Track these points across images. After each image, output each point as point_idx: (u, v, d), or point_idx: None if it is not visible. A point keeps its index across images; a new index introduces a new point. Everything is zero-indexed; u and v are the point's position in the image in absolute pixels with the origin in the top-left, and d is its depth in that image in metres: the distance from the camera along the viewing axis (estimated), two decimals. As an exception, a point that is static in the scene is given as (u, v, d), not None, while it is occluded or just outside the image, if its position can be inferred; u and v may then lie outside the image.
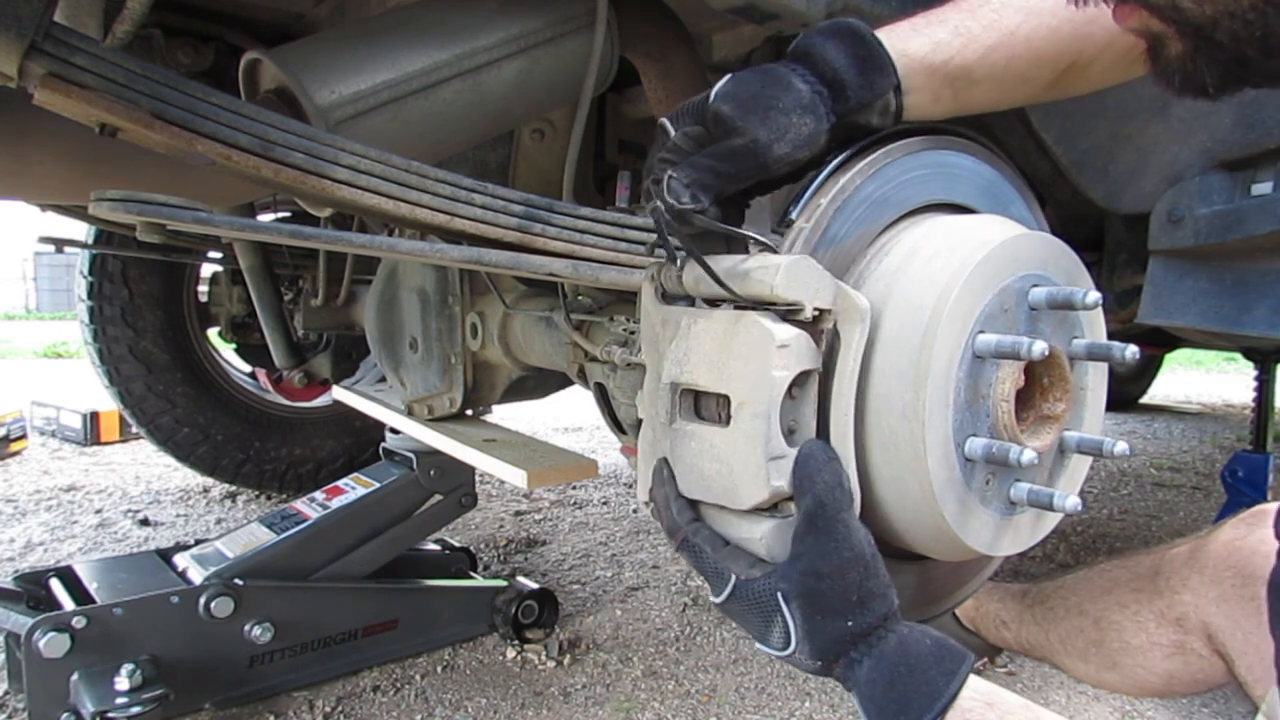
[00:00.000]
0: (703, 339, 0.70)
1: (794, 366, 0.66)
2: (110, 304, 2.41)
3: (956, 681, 0.62)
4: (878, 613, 0.64)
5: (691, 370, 0.71)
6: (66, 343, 8.44)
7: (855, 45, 0.72)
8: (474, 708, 1.55)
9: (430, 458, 1.71)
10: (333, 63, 0.98)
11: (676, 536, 0.71)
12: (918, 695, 0.61)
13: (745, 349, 0.67)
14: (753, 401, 0.66)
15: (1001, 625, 1.50)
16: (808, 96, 0.70)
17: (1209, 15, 0.54)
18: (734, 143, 0.68)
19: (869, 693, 0.63)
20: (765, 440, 0.65)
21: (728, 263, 0.69)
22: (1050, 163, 1.27)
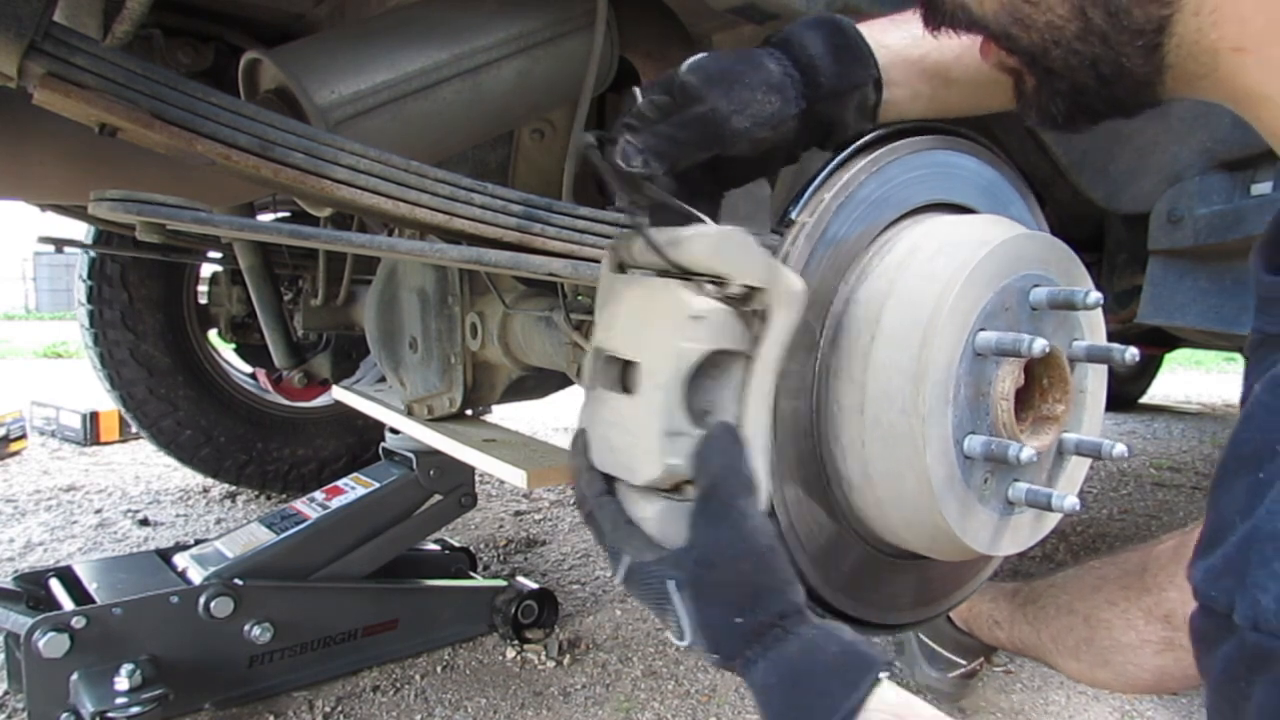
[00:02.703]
0: (627, 304, 0.68)
1: (707, 341, 0.62)
2: (110, 307, 2.41)
3: (857, 694, 0.56)
4: (772, 610, 0.59)
5: (613, 336, 0.68)
6: (66, 343, 8.43)
7: (834, 34, 0.72)
8: (474, 708, 1.55)
9: (430, 458, 1.71)
10: (333, 63, 0.98)
11: (583, 509, 0.69)
12: (814, 707, 0.57)
13: (659, 317, 0.64)
14: (656, 371, 0.63)
15: (994, 625, 1.50)
16: (777, 76, 0.69)
17: (1038, 43, 0.54)
18: (694, 110, 0.66)
19: (764, 699, 0.59)
20: (664, 413, 0.62)
21: (668, 233, 0.66)
22: (1050, 163, 1.27)
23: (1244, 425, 0.40)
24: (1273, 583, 0.35)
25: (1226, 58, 0.48)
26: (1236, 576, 0.37)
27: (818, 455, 0.77)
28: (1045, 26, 0.52)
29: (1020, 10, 0.53)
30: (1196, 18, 0.48)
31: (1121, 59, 0.51)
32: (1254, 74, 0.47)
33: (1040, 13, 0.52)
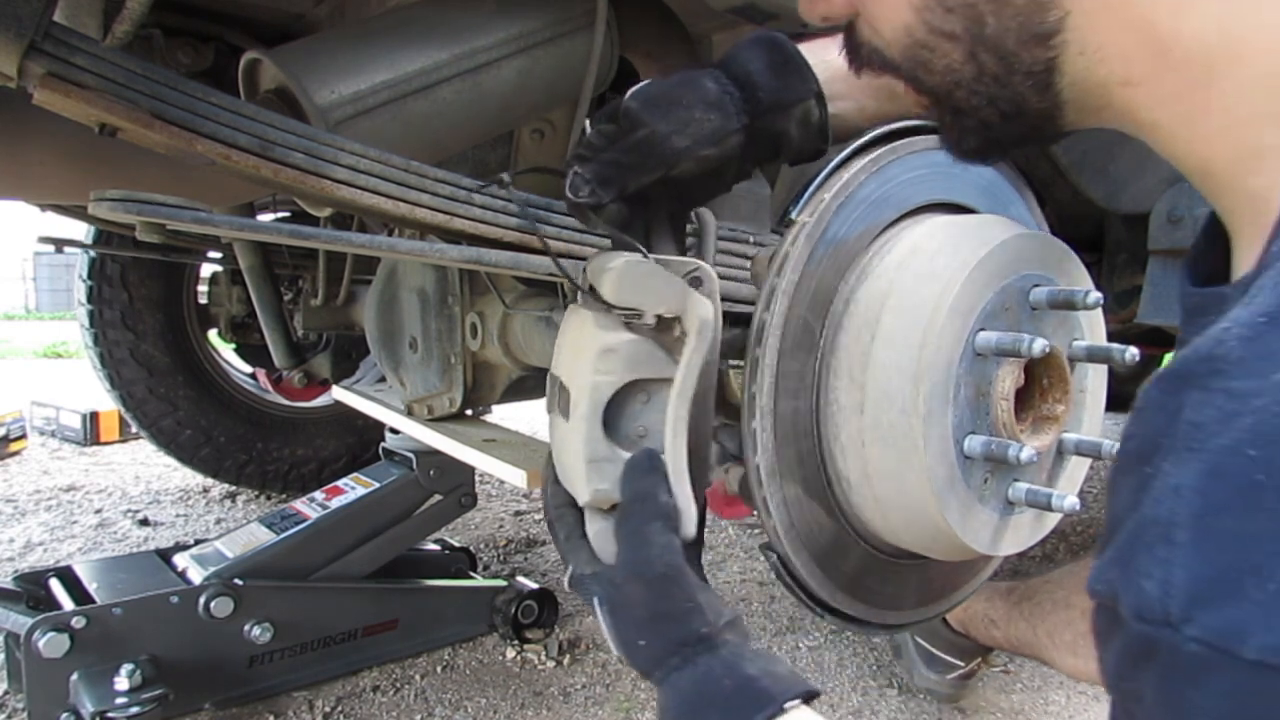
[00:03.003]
0: (567, 334, 0.71)
1: (620, 374, 0.65)
2: (110, 308, 2.41)
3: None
4: (671, 638, 0.60)
5: (559, 364, 0.72)
6: (66, 343, 8.43)
7: (772, 51, 0.73)
8: (474, 708, 1.55)
9: (430, 458, 1.71)
10: (332, 63, 0.98)
11: (546, 518, 0.73)
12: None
13: (582, 349, 0.67)
14: (579, 402, 0.66)
15: (990, 624, 1.50)
16: (715, 94, 0.70)
17: (941, 85, 0.55)
18: (636, 135, 0.68)
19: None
20: (586, 442, 0.65)
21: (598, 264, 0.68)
22: (1050, 163, 1.27)
23: (1133, 422, 0.40)
24: (1157, 569, 0.34)
25: (1118, 91, 0.49)
26: (1124, 568, 0.36)
27: (817, 455, 0.77)
28: (944, 70, 0.54)
29: (920, 55, 0.55)
30: (1082, 57, 0.49)
31: (1018, 97, 0.53)
32: (1144, 104, 0.49)
33: (938, 58, 0.54)
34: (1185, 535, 0.33)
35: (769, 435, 0.73)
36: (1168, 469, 0.35)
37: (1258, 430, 0.31)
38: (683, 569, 0.62)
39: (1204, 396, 0.34)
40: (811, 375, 0.76)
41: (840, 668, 1.77)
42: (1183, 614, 0.32)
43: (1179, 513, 0.33)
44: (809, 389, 0.76)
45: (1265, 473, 0.31)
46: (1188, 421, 0.35)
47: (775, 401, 0.73)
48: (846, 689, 1.69)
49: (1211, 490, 0.32)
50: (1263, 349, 0.33)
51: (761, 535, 0.77)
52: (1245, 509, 0.31)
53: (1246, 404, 0.32)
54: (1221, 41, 0.44)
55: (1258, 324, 0.34)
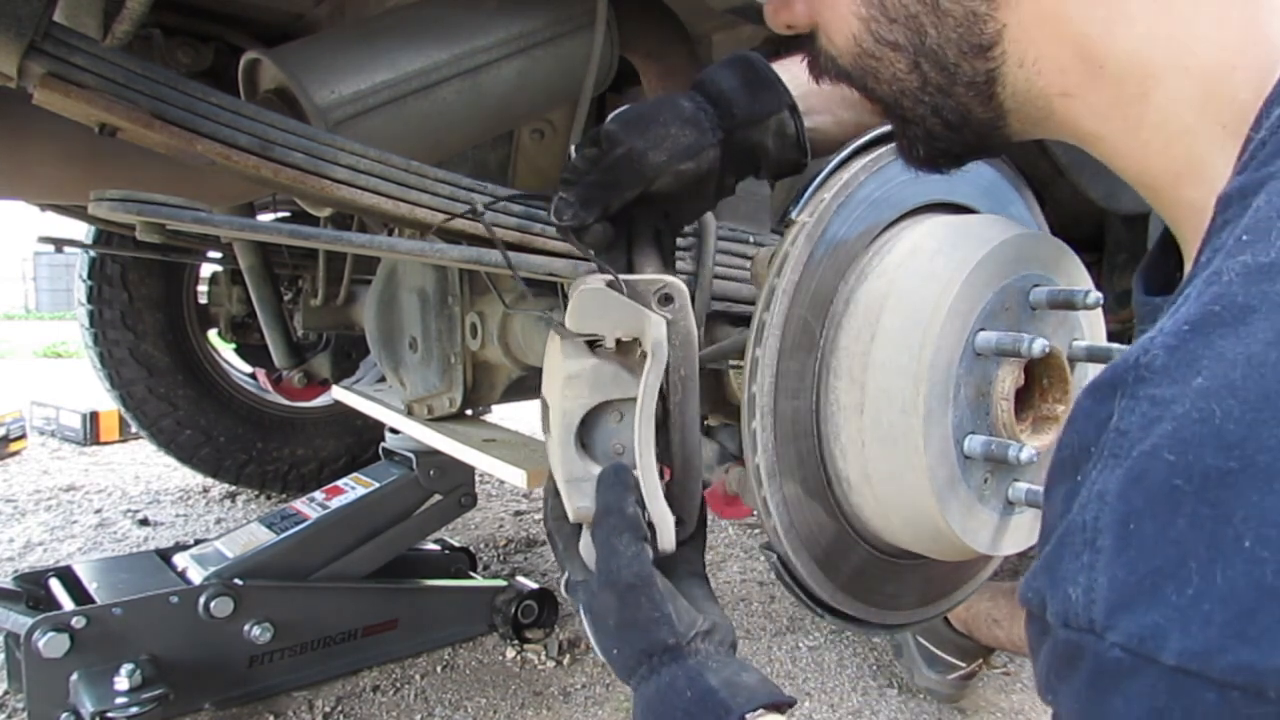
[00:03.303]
0: (545, 358, 0.74)
1: (588, 397, 0.68)
2: (110, 307, 2.41)
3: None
4: (636, 647, 0.62)
5: (544, 385, 0.75)
6: (66, 343, 8.43)
7: (745, 70, 0.76)
8: (474, 707, 1.55)
9: (430, 458, 1.71)
10: (332, 63, 0.98)
11: (546, 527, 0.76)
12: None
13: (552, 374, 0.70)
14: (554, 424, 0.69)
15: (994, 624, 1.50)
16: (689, 111, 0.73)
17: (888, 94, 0.56)
18: (615, 154, 0.70)
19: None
20: (563, 463, 0.69)
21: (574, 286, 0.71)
22: (1050, 162, 1.27)
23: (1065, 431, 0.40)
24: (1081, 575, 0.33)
25: (1058, 102, 0.50)
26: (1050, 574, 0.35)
27: (817, 455, 0.77)
28: (890, 79, 0.55)
29: (868, 65, 0.56)
30: (1021, 69, 0.50)
31: (962, 107, 0.54)
32: (1084, 116, 0.49)
33: (884, 67, 0.55)
34: (1108, 541, 0.33)
35: (769, 435, 0.73)
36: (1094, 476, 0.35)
37: (1176, 435, 0.31)
38: (650, 579, 0.63)
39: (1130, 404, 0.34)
40: (811, 375, 0.76)
41: (840, 668, 1.77)
42: (1105, 620, 0.32)
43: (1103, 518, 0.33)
44: (809, 389, 0.76)
45: (1183, 478, 0.31)
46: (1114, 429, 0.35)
47: (775, 401, 0.73)
48: (846, 689, 1.69)
49: (1133, 496, 0.32)
50: (1184, 356, 0.33)
51: (761, 535, 0.77)
52: (1165, 514, 0.31)
53: (1168, 410, 0.32)
54: (1153, 56, 0.44)
55: (1181, 331, 0.34)
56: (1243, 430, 0.29)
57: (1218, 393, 0.31)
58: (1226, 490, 0.29)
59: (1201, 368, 0.32)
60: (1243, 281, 0.33)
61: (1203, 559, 0.29)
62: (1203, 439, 0.30)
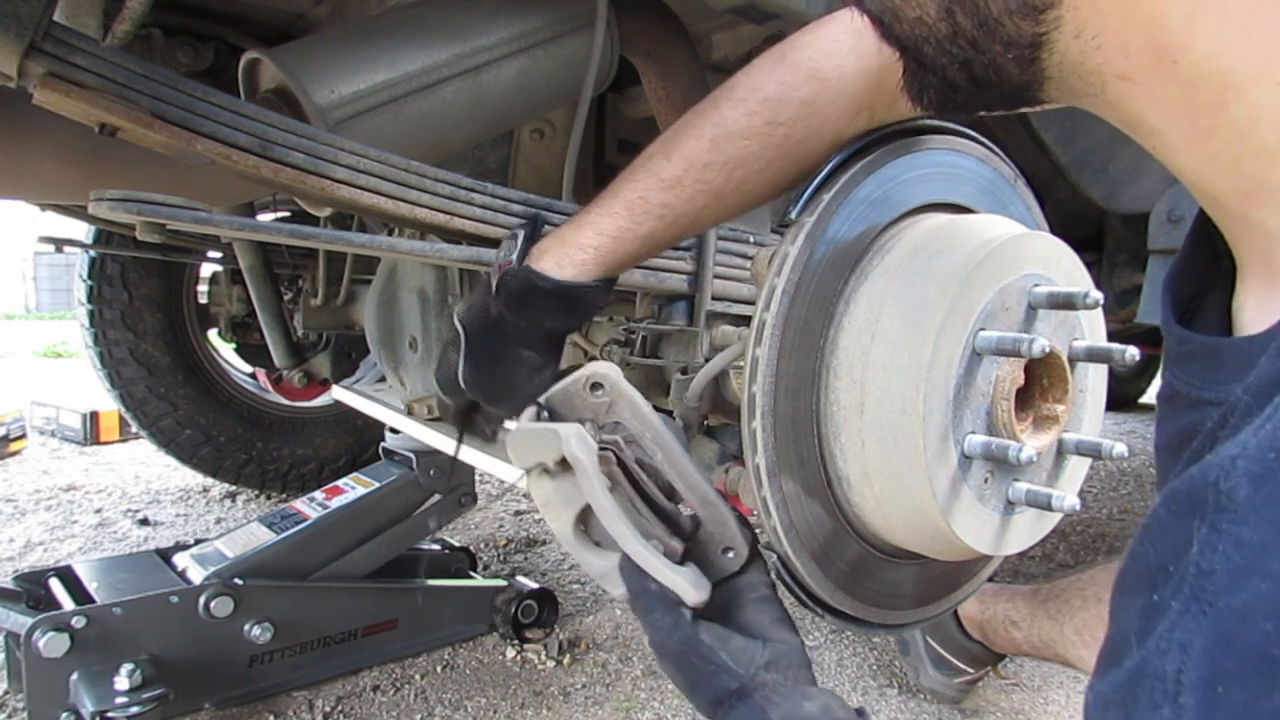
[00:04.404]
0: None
1: (568, 511, 0.73)
2: (110, 307, 2.41)
3: None
4: (706, 700, 0.65)
5: None
6: (66, 342, 8.43)
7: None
8: (474, 707, 1.55)
9: (430, 457, 1.71)
10: (332, 62, 0.98)
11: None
12: None
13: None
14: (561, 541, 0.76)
15: (1011, 626, 1.49)
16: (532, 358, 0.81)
17: (909, 35, 0.51)
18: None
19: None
20: (587, 565, 0.74)
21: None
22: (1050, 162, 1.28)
23: (1141, 538, 0.38)
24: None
25: (1113, 83, 0.45)
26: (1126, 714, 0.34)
27: (817, 455, 0.77)
28: (914, 22, 0.50)
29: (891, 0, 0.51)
30: (1077, 40, 0.44)
31: (995, 67, 0.48)
32: (1144, 106, 0.44)
33: (910, 7, 0.49)
34: (1191, 700, 0.31)
35: (769, 435, 0.73)
36: (1175, 615, 0.33)
37: (1274, 600, 0.29)
38: (694, 640, 0.66)
39: (1211, 537, 0.32)
40: (811, 375, 0.76)
41: (840, 668, 1.77)
42: None
43: (1186, 675, 0.31)
44: (809, 389, 0.76)
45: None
46: (1195, 564, 0.32)
47: (775, 401, 0.73)
48: (846, 689, 1.69)
49: (1221, 658, 0.30)
50: (1273, 493, 0.30)
51: (761, 535, 0.77)
52: (1259, 684, 0.29)
53: (1260, 564, 0.30)
54: (1238, 64, 0.39)
55: (1268, 461, 0.31)
56: None
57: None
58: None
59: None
60: None
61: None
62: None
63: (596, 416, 0.77)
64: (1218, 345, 0.43)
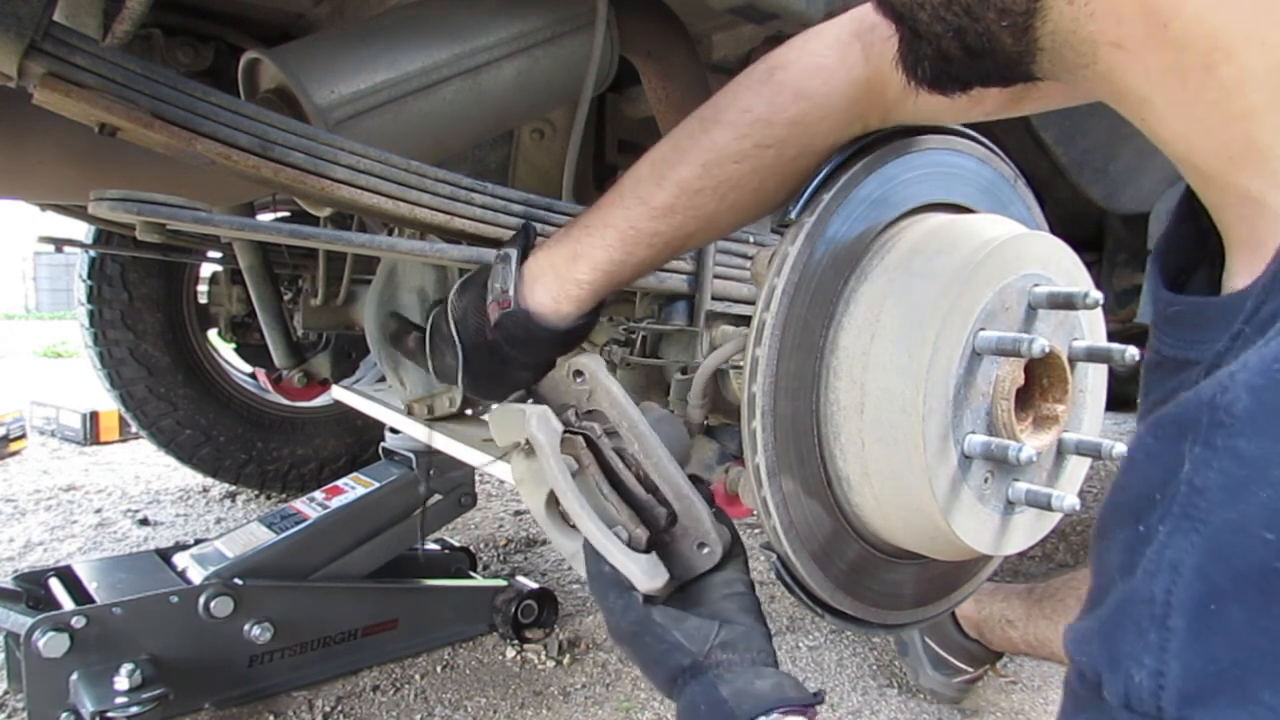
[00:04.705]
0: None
1: (540, 489, 0.77)
2: (110, 307, 2.41)
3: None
4: (661, 677, 0.67)
5: None
6: (66, 342, 8.43)
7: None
8: (474, 707, 1.55)
9: (430, 457, 1.71)
10: (332, 62, 0.98)
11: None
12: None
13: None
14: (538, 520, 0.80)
15: (1008, 625, 1.49)
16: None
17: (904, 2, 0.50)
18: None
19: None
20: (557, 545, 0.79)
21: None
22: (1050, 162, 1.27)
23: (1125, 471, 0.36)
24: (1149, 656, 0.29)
25: (1106, 52, 0.44)
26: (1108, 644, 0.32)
27: (817, 455, 0.77)
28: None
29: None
30: (1071, 7, 0.44)
31: (989, 35, 0.48)
32: (1134, 74, 0.44)
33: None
34: (1183, 621, 0.29)
35: (769, 435, 0.73)
36: (1164, 536, 0.31)
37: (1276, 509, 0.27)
38: (645, 620, 0.68)
39: (1206, 454, 0.30)
40: (811, 375, 0.76)
41: (840, 668, 1.77)
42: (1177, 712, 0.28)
43: (1176, 594, 0.29)
44: (809, 389, 0.76)
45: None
46: (1187, 483, 0.30)
47: (775, 401, 0.73)
48: (846, 689, 1.69)
49: (1215, 573, 0.28)
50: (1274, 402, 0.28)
51: (761, 535, 0.77)
52: (1258, 600, 0.27)
53: (1260, 474, 0.28)
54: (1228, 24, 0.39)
55: (1271, 372, 0.29)
56: None
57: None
58: None
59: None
60: None
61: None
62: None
63: (579, 404, 0.79)
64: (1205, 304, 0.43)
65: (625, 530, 0.73)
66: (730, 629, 0.68)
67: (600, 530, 0.72)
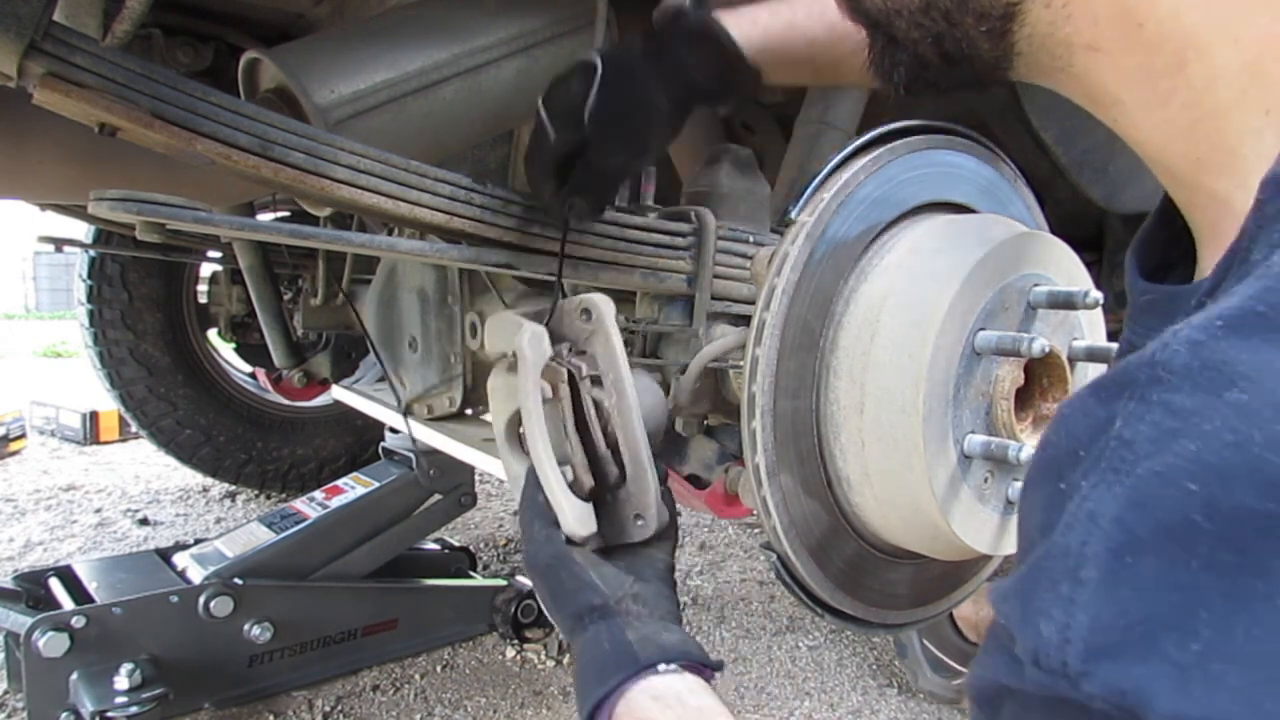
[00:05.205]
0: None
1: (505, 408, 0.78)
2: (110, 307, 2.41)
3: (604, 689, 0.61)
4: (568, 612, 0.67)
5: None
6: (66, 342, 8.43)
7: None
8: (473, 707, 1.55)
9: (429, 457, 1.71)
10: (332, 62, 0.98)
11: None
12: (582, 694, 0.63)
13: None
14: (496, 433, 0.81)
15: None
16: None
17: (880, 8, 0.51)
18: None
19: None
20: (504, 463, 0.80)
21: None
22: (1050, 162, 1.27)
23: (1053, 428, 0.34)
24: (1058, 609, 0.28)
25: (1081, 54, 0.45)
26: (1021, 599, 0.30)
27: (817, 454, 0.77)
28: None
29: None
30: (1048, 10, 0.45)
31: (967, 40, 0.48)
32: (1108, 76, 0.44)
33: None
34: (1095, 573, 0.27)
35: (769, 435, 0.73)
36: (1086, 490, 0.29)
37: (1201, 460, 0.26)
38: (564, 556, 0.69)
39: (1139, 409, 0.29)
40: (811, 375, 0.76)
41: (840, 667, 1.77)
42: (1081, 665, 0.27)
43: (1091, 545, 0.28)
44: (809, 389, 0.76)
45: (1205, 513, 0.25)
46: (1117, 437, 0.29)
47: (775, 401, 0.73)
48: (846, 688, 1.69)
49: (1134, 523, 0.27)
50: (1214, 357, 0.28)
51: (761, 535, 0.77)
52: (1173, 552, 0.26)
53: (1190, 424, 0.27)
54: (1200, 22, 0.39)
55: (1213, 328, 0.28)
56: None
57: (1260, 414, 0.25)
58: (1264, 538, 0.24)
59: (1239, 378, 0.27)
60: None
61: (1219, 612, 0.24)
62: (1235, 469, 0.25)
63: (578, 342, 0.78)
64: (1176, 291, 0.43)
65: (572, 472, 0.73)
66: (644, 586, 0.69)
67: (548, 460, 0.72)
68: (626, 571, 0.70)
